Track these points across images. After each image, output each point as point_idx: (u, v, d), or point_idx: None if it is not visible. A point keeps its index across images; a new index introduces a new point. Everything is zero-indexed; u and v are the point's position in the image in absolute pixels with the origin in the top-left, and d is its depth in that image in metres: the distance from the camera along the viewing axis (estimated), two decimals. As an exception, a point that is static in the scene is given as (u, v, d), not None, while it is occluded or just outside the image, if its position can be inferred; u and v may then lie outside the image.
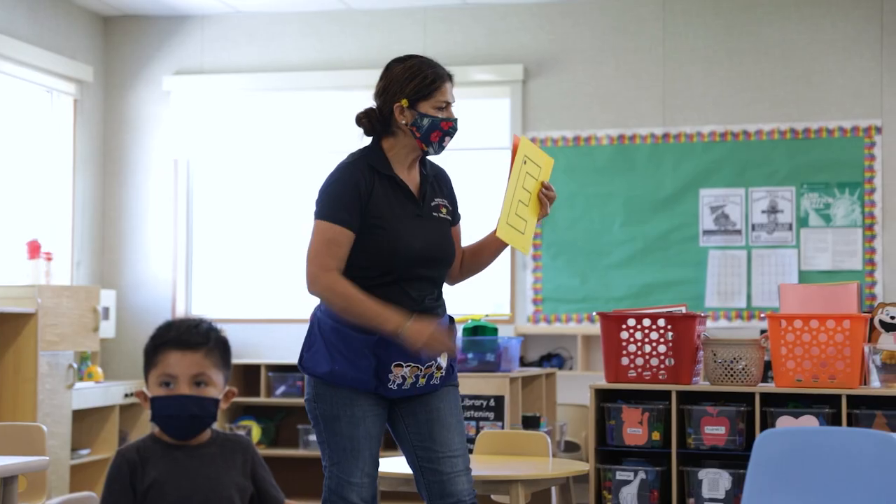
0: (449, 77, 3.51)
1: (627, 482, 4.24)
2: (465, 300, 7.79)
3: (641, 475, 4.23)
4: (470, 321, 5.57)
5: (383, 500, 3.97)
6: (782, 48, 7.50)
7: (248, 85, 8.10)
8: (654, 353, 4.25)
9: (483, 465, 4.36)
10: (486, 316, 5.72)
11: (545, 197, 3.57)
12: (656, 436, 4.24)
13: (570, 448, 6.68)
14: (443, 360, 3.47)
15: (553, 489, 4.86)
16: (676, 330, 4.24)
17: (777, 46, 7.50)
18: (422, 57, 3.53)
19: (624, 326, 4.28)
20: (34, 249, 7.05)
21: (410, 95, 3.43)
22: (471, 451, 4.93)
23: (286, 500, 2.62)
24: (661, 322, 4.26)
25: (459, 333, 5.59)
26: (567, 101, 7.73)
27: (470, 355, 5.45)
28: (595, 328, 7.41)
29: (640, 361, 4.27)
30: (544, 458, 4.60)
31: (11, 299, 6.41)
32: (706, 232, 7.49)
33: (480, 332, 5.50)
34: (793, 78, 7.47)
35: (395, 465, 4.19)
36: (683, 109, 7.60)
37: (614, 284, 7.55)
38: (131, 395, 7.42)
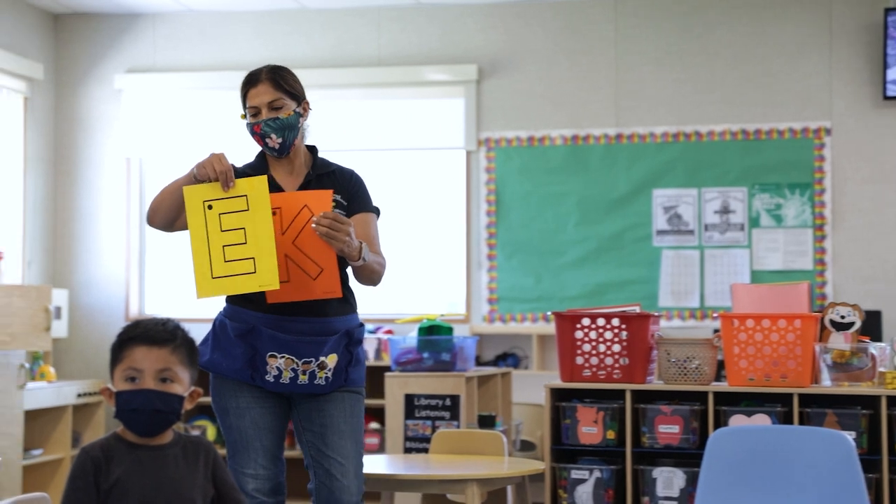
0: (260, 80, 3.66)
1: (583, 481, 4.27)
2: (421, 300, 7.81)
3: (597, 474, 4.26)
4: (425, 321, 5.58)
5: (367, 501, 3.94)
6: (733, 50, 7.58)
7: (200, 83, 8.05)
8: (609, 352, 4.29)
9: (439, 465, 4.38)
10: (442, 315, 5.74)
11: (318, 228, 3.40)
12: (611, 434, 4.27)
13: (526, 447, 6.71)
14: (329, 361, 3.49)
15: (509, 488, 4.89)
16: (630, 329, 4.27)
17: (728, 48, 7.58)
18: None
19: (578, 326, 4.31)
20: (-16, 249, 7.00)
21: (244, 109, 3.73)
22: (426, 451, 4.95)
23: (244, 501, 2.63)
24: (616, 321, 4.30)
25: (414, 333, 5.60)
26: (521, 101, 7.77)
27: (425, 355, 5.46)
28: (550, 328, 7.44)
29: (594, 361, 4.30)
30: (500, 458, 4.62)
31: (-38, 299, 6.35)
32: (659, 232, 7.55)
33: (436, 332, 5.51)
34: (744, 80, 7.55)
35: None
36: (636, 110, 7.66)
37: (569, 284, 7.59)
38: (85, 394, 7.36)
